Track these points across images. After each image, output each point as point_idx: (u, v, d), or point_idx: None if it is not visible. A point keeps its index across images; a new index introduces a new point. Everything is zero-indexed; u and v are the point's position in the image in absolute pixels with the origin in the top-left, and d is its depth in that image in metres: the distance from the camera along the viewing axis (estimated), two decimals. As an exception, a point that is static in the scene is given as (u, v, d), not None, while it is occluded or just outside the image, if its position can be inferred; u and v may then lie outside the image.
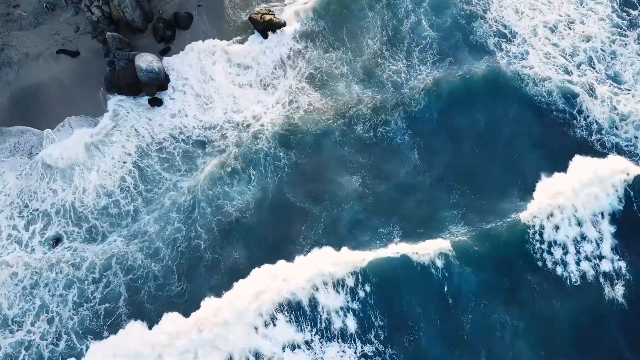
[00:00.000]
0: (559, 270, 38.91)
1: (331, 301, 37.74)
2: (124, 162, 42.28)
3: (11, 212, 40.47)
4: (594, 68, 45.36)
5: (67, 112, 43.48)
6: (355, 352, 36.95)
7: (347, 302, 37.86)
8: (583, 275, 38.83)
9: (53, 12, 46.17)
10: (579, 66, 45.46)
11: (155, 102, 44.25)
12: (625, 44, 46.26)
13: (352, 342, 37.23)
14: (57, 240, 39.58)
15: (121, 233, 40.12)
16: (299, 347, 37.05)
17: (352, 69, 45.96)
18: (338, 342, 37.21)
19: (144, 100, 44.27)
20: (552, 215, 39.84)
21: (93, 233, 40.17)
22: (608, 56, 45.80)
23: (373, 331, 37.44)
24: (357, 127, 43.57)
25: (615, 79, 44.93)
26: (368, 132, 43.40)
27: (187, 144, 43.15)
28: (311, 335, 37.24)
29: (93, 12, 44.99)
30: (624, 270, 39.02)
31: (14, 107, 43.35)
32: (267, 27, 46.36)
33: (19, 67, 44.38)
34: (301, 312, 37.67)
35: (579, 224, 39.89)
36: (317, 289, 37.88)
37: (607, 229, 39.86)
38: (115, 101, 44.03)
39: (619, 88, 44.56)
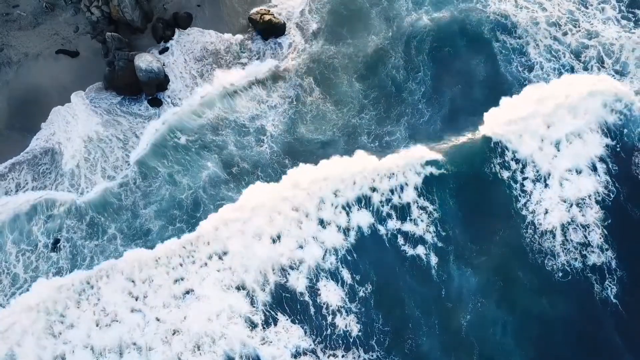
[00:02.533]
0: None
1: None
2: (124, 159, 42.44)
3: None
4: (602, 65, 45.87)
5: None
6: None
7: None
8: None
9: (52, 12, 46.10)
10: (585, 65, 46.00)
11: (155, 103, 44.22)
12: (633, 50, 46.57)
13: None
14: (56, 241, 39.57)
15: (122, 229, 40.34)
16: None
17: (354, 65, 46.29)
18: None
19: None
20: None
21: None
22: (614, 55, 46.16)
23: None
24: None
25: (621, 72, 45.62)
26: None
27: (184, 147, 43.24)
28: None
29: (92, 12, 45.00)
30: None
31: (13, 107, 43.27)
32: (266, 27, 46.28)
33: (18, 67, 44.32)
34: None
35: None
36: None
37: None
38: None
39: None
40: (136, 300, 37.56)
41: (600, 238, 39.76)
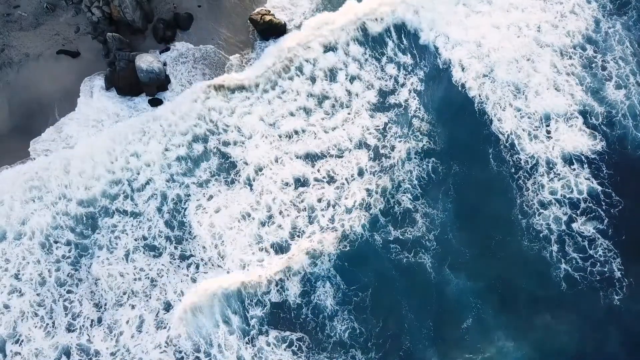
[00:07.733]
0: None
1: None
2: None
3: None
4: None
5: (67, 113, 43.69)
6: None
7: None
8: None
9: (53, 12, 46.27)
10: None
11: (155, 103, 44.33)
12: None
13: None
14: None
15: None
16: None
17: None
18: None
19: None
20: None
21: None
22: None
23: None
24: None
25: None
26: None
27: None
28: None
29: (93, 12, 45.13)
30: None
31: (14, 107, 43.48)
32: (267, 27, 46.31)
33: (19, 67, 44.52)
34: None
35: None
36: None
37: None
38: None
39: None
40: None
41: (605, 247, 39.42)
